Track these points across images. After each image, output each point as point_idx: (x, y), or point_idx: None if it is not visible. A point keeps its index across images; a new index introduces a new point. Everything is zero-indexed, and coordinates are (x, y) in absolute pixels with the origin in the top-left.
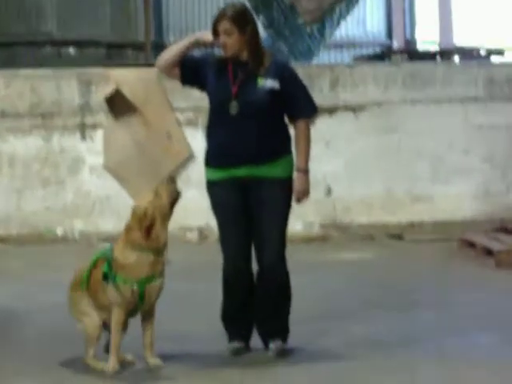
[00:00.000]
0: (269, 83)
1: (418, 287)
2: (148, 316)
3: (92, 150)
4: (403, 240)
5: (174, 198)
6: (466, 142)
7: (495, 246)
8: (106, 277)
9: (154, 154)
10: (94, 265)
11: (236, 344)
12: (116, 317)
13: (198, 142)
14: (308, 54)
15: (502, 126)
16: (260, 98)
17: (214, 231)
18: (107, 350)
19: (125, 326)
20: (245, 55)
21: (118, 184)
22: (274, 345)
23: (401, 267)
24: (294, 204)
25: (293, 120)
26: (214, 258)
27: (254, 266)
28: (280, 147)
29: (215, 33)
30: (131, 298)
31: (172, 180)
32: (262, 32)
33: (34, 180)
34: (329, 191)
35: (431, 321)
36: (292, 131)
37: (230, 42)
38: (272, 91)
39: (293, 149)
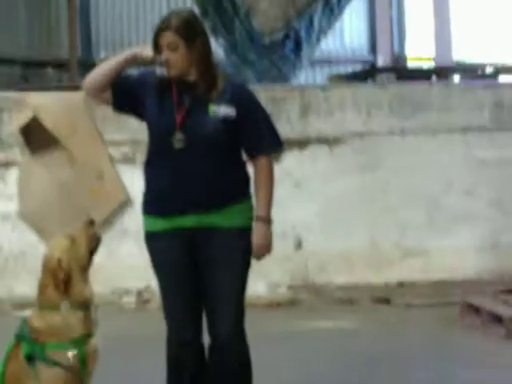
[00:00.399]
0: (222, 110)
1: (411, 364)
2: None
3: (3, 194)
4: (391, 305)
5: (94, 244)
6: (469, 181)
7: (506, 311)
8: (30, 358)
9: (82, 199)
10: (6, 362)
11: None
12: None
13: (135, 183)
14: (280, 81)
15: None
16: (211, 128)
17: (156, 294)
18: None
19: None
20: (193, 75)
21: (36, 236)
22: None
23: (389, 339)
24: (253, 261)
25: (252, 156)
26: (157, 329)
27: (206, 339)
28: (236, 190)
29: (157, 47)
30: (71, 366)
31: (91, 223)
32: (224, 59)
33: None
34: (299, 244)
35: None
36: (251, 170)
37: (175, 59)
38: (226, 120)
39: (252, 192)
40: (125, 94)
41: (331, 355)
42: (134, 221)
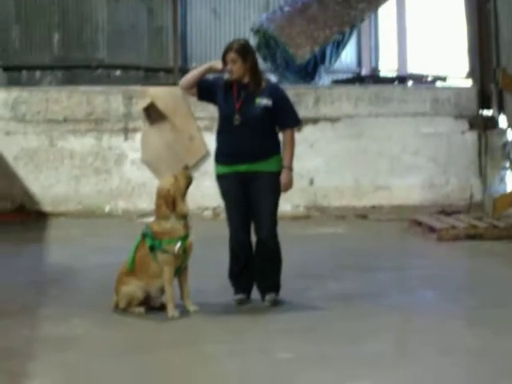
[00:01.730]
0: (264, 101)
1: (378, 255)
2: (184, 273)
3: (132, 148)
4: (367, 219)
5: (189, 181)
6: (416, 146)
7: (437, 224)
8: (152, 248)
9: (179, 152)
10: (136, 250)
11: (240, 296)
12: (167, 274)
13: (212, 143)
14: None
15: (443, 135)
16: (257, 112)
17: (223, 210)
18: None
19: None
20: (246, 79)
21: (151, 173)
22: (268, 296)
23: (365, 240)
24: (282, 193)
25: (282, 129)
26: (224, 231)
27: (253, 238)
28: (271, 149)
29: (224, 61)
30: (178, 253)
31: (187, 167)
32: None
33: (88, 170)
34: (311, 182)
35: (388, 280)
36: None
37: (235, 69)
38: (266, 108)
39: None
40: (205, 90)
41: (329, 249)
42: (211, 166)
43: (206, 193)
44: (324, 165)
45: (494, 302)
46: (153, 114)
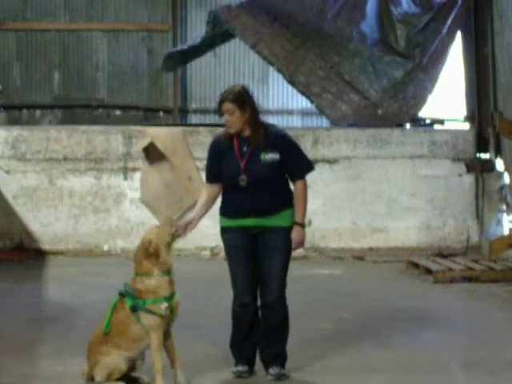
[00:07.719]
0: (270, 156)
1: (375, 296)
2: (168, 336)
3: (132, 187)
4: (364, 261)
5: (174, 231)
6: (414, 188)
7: (434, 266)
8: (134, 309)
9: (178, 192)
10: (112, 312)
11: (240, 368)
12: (155, 341)
13: None
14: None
15: (440, 177)
16: (264, 170)
17: (222, 250)
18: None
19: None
20: (247, 132)
21: (150, 213)
22: (273, 370)
23: (362, 281)
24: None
25: (292, 180)
26: (222, 271)
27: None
28: (282, 203)
29: (220, 112)
30: (166, 314)
31: (171, 218)
32: None
33: (87, 208)
34: (309, 223)
35: (384, 320)
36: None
37: (233, 120)
38: (273, 162)
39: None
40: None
41: (326, 289)
42: None
43: (204, 232)
44: (322, 206)
45: (489, 343)
46: (152, 153)
